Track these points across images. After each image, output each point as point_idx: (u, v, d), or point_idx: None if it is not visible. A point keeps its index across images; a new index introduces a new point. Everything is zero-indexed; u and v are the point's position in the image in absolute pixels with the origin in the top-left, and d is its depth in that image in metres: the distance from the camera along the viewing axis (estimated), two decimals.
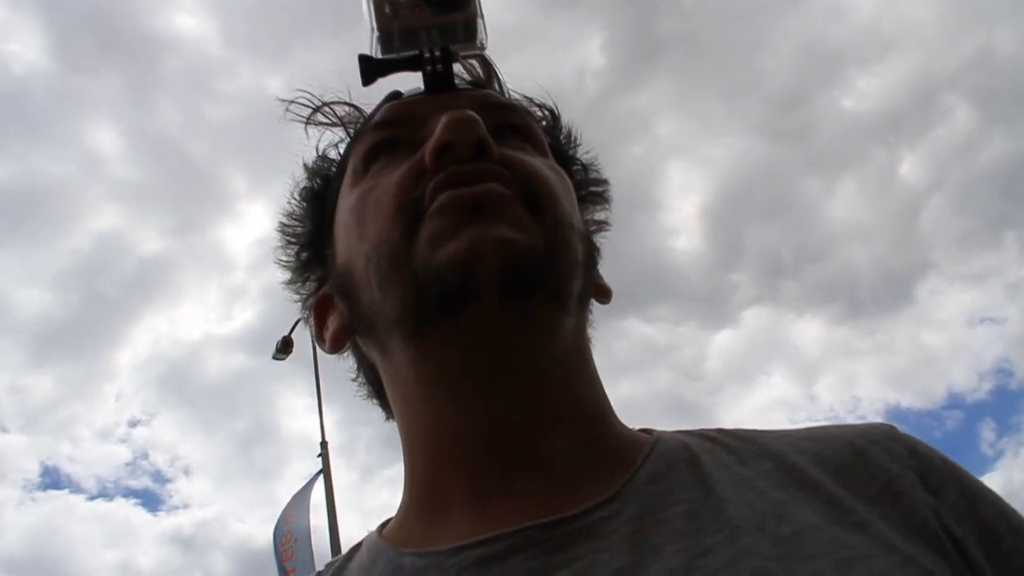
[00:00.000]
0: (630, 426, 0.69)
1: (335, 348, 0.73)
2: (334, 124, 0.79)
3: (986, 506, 0.61)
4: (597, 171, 0.81)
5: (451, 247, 0.59)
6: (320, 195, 0.77)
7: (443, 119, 0.63)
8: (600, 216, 0.80)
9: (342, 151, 0.77)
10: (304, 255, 0.78)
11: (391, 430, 0.71)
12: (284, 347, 10.39)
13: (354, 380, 0.77)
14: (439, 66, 0.69)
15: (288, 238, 0.79)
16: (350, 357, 0.77)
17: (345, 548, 0.72)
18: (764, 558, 0.52)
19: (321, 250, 0.76)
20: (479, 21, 0.68)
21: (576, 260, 0.65)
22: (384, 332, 0.65)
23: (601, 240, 0.80)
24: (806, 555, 0.53)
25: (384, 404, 0.73)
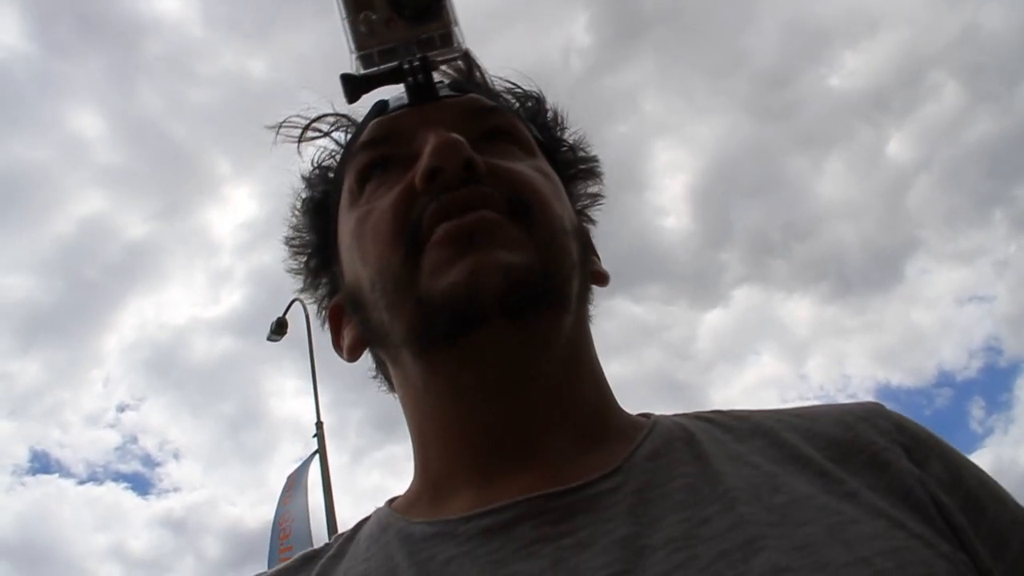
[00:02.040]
0: (626, 410, 0.72)
1: (352, 357, 0.76)
2: (325, 135, 0.81)
3: (969, 477, 0.64)
4: (584, 148, 0.83)
5: (452, 276, 0.62)
6: (321, 205, 0.80)
7: (429, 144, 0.65)
8: (593, 189, 0.83)
9: (337, 161, 0.79)
10: (312, 263, 0.81)
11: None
12: (279, 328, 10.38)
13: (374, 378, 0.80)
14: (419, 76, 0.70)
15: (295, 248, 0.82)
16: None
17: (342, 528, 0.75)
18: (760, 524, 0.56)
19: (328, 259, 0.79)
20: (455, 28, 0.69)
21: (572, 262, 0.67)
22: (394, 347, 0.68)
23: (596, 212, 0.83)
24: (799, 521, 0.56)
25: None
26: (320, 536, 8.33)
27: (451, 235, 0.63)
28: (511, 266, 0.62)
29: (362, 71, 0.70)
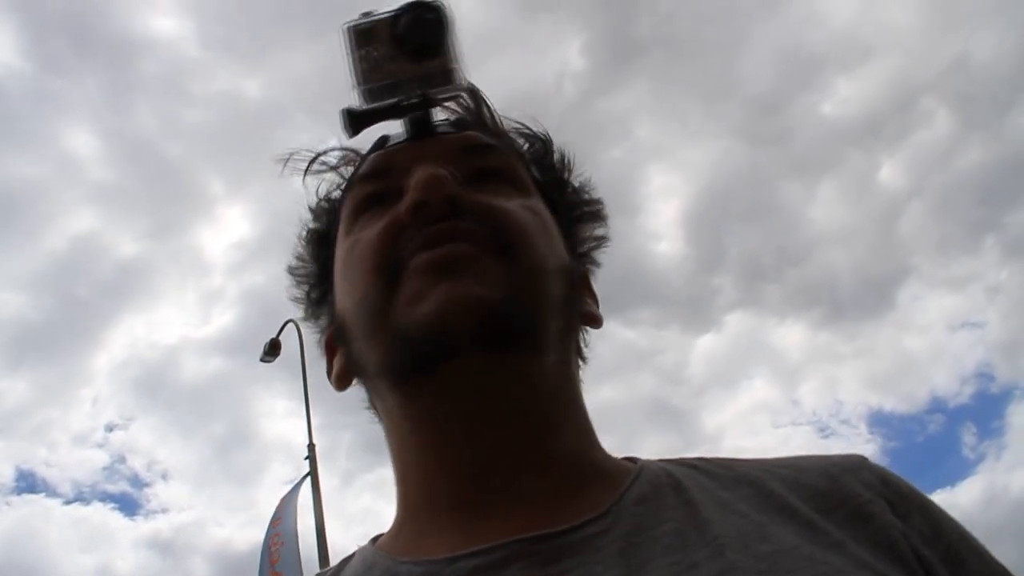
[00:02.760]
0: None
1: (340, 387, 0.76)
2: (329, 169, 0.82)
3: (950, 531, 0.65)
4: (589, 191, 0.83)
5: (424, 307, 0.62)
6: (324, 236, 0.81)
7: (415, 177, 0.66)
8: (598, 232, 0.83)
9: (342, 191, 0.80)
10: (314, 295, 0.82)
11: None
12: (272, 349, 10.35)
13: (367, 409, 0.80)
14: (419, 112, 0.71)
15: (298, 278, 0.83)
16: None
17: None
18: (748, 572, 0.56)
19: (327, 291, 0.79)
20: (455, 66, 0.70)
21: (551, 303, 0.67)
22: (373, 377, 0.69)
23: (600, 254, 0.83)
24: (787, 570, 0.56)
25: None
26: (310, 560, 8.26)
27: (427, 265, 0.63)
28: (480, 300, 0.62)
29: (364, 105, 0.70)
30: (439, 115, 0.75)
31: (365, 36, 0.68)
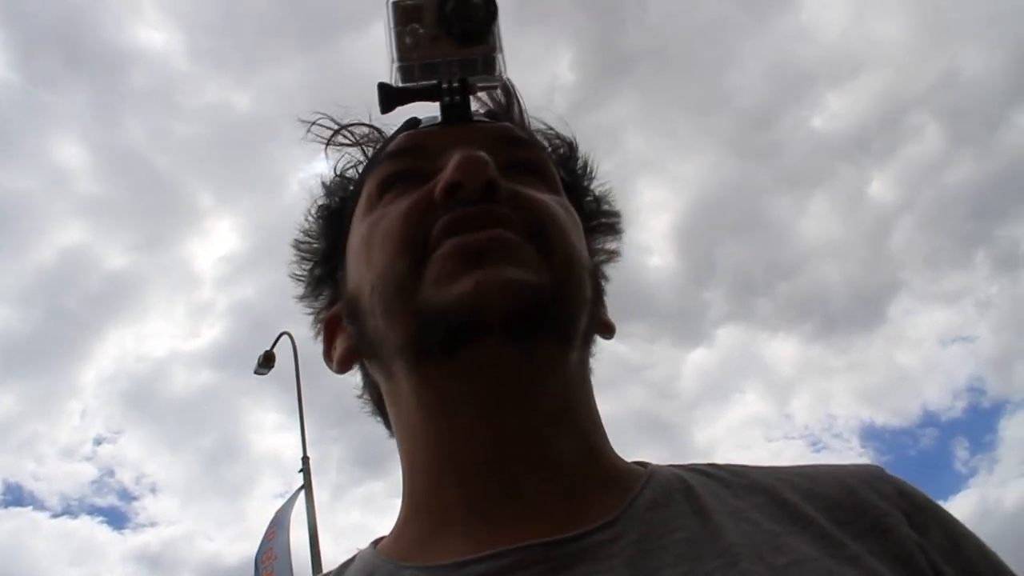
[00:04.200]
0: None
1: (341, 369, 0.74)
2: (353, 144, 0.80)
3: (970, 547, 0.64)
4: (610, 203, 0.82)
5: (457, 288, 0.60)
6: (336, 213, 0.78)
7: (455, 158, 0.64)
8: (611, 246, 0.82)
9: (360, 171, 0.78)
10: (317, 271, 0.80)
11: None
12: (266, 362, 10.33)
13: (359, 397, 0.78)
14: (456, 97, 0.70)
15: (303, 254, 0.81)
16: (330, 375, 0.77)
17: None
18: None
19: (333, 269, 0.77)
20: (498, 55, 0.69)
21: (584, 298, 0.66)
22: (388, 358, 0.66)
23: (611, 269, 0.81)
24: None
25: (387, 423, 0.74)
26: (303, 575, 8.18)
27: (460, 250, 0.62)
28: (521, 284, 0.60)
29: (400, 83, 0.69)
30: (473, 104, 0.73)
31: (410, 13, 0.67)
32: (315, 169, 0.82)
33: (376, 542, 0.69)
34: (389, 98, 0.70)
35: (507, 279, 0.60)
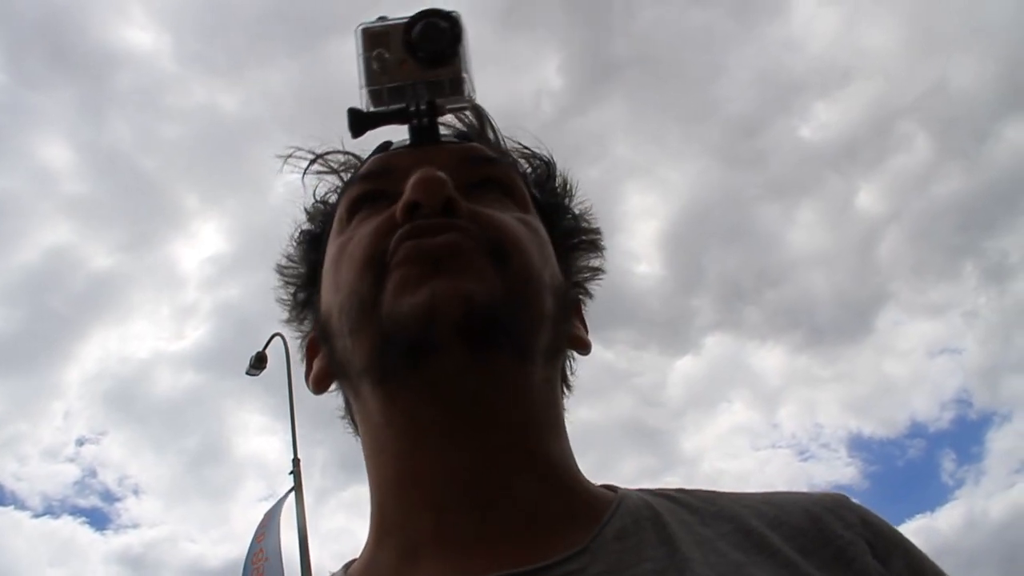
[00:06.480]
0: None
1: (317, 390, 0.75)
2: (330, 172, 0.81)
3: (930, 575, 0.65)
4: (588, 220, 0.82)
5: (413, 299, 0.61)
6: (316, 238, 0.80)
7: (412, 178, 0.65)
8: (593, 263, 0.82)
9: (338, 194, 0.79)
10: (300, 296, 0.81)
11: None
12: (258, 363, 10.30)
13: (342, 418, 0.78)
14: (424, 120, 0.71)
15: (286, 279, 0.82)
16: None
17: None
18: None
19: (314, 293, 0.78)
20: (465, 76, 0.70)
21: (542, 313, 0.66)
22: (355, 377, 0.67)
23: (595, 286, 0.82)
24: None
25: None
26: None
27: (416, 253, 0.62)
28: (473, 294, 0.61)
29: (370, 107, 0.70)
30: (443, 126, 0.74)
31: (377, 38, 0.68)
32: (298, 175, 0.83)
33: (347, 566, 0.69)
34: (359, 123, 0.71)
35: (460, 290, 0.61)
